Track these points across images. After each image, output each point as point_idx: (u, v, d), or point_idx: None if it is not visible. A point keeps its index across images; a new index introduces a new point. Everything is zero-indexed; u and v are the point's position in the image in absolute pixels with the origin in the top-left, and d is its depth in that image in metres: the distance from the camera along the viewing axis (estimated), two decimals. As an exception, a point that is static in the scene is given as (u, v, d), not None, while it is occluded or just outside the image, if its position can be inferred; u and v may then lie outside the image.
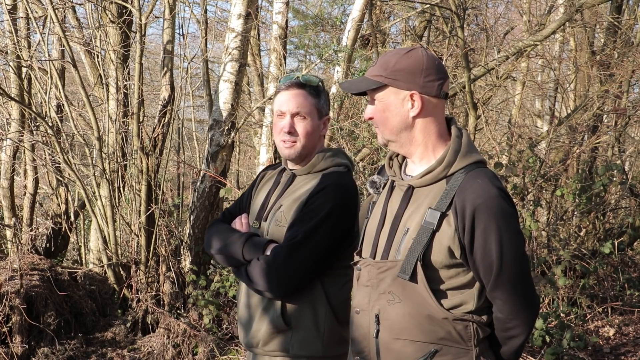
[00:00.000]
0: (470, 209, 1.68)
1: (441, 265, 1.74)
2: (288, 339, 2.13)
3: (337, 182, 2.15)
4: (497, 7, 10.04)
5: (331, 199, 2.10)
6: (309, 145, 2.21)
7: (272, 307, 2.14)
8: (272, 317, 2.13)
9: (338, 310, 2.16)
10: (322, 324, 2.13)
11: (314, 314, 2.12)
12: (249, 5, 5.72)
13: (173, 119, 6.37)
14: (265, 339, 2.16)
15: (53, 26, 5.62)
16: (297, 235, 2.07)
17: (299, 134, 2.19)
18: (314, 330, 2.12)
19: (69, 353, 4.83)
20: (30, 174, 6.45)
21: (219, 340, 5.01)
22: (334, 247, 2.11)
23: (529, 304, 1.79)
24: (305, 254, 2.06)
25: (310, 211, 2.10)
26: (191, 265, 5.65)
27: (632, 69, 7.56)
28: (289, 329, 2.13)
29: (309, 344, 2.13)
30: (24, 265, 5.01)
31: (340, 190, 2.13)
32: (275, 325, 2.13)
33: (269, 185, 2.32)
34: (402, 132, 1.82)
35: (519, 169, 5.33)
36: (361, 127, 6.06)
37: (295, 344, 2.13)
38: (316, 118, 2.21)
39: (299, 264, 2.06)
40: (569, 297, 5.36)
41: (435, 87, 1.78)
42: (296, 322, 2.12)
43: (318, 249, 2.08)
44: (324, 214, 2.08)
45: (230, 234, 2.22)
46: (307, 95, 2.20)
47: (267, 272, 2.06)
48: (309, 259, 2.07)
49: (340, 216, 2.10)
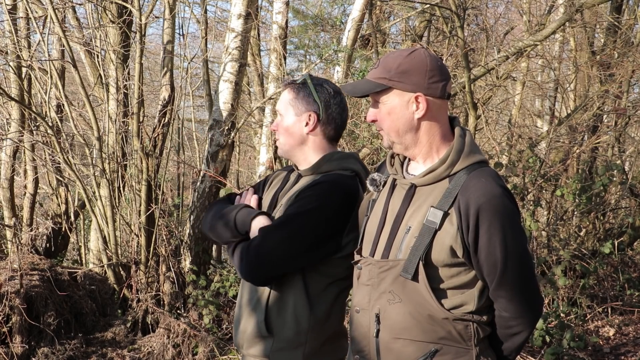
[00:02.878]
0: (474, 208, 1.68)
1: (442, 264, 1.73)
2: (269, 345, 2.08)
3: (332, 180, 2.07)
4: (497, 7, 10.05)
5: (321, 194, 2.03)
6: (290, 141, 2.18)
7: (258, 309, 2.10)
8: (257, 321, 2.09)
9: (323, 321, 2.08)
10: (305, 334, 2.06)
11: (296, 323, 2.05)
12: (249, 5, 5.72)
13: (173, 119, 6.37)
14: (249, 341, 2.12)
15: (53, 26, 5.62)
16: (274, 222, 2.04)
17: (279, 131, 2.20)
18: (294, 340, 2.05)
19: (69, 353, 4.82)
20: (30, 174, 6.45)
21: (219, 340, 5.01)
22: (316, 244, 2.02)
23: (533, 302, 1.80)
24: (278, 239, 1.99)
25: (296, 202, 2.05)
26: (191, 265, 5.65)
27: (632, 69, 7.56)
28: (271, 336, 2.07)
29: (289, 354, 2.06)
30: (24, 265, 5.01)
31: (334, 190, 2.05)
32: (258, 329, 2.08)
33: (277, 185, 2.28)
34: (407, 134, 1.81)
35: (519, 169, 5.33)
36: (361, 127, 6.06)
37: (275, 353, 2.07)
38: (291, 114, 2.16)
39: (270, 248, 1.99)
40: (569, 297, 5.36)
41: (439, 88, 1.78)
42: (278, 330, 2.07)
43: (296, 238, 2.00)
44: (307, 207, 2.01)
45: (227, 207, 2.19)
46: (286, 93, 2.19)
47: (243, 254, 2.02)
48: (284, 246, 1.99)
49: (328, 214, 2.02)
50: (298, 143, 2.18)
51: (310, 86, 2.17)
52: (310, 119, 2.15)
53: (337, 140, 2.23)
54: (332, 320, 2.12)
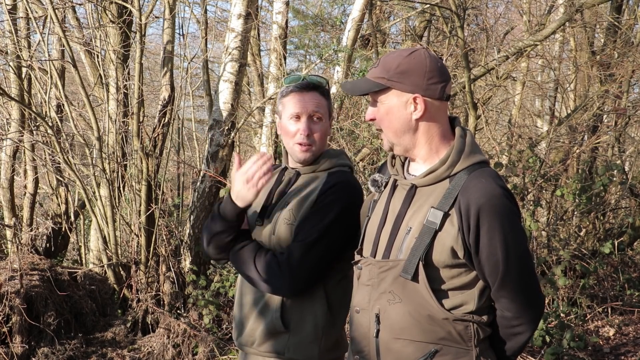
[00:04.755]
0: (474, 208, 1.68)
1: (443, 265, 1.73)
2: (284, 341, 2.09)
3: (345, 180, 2.13)
4: (497, 7, 10.05)
5: (342, 197, 2.08)
6: (323, 147, 2.19)
7: (270, 307, 2.10)
8: (271, 319, 2.09)
9: (337, 314, 2.13)
10: (322, 328, 2.09)
11: (314, 317, 2.09)
12: (249, 5, 5.72)
13: (173, 119, 6.37)
14: (261, 339, 2.12)
15: (53, 26, 5.63)
16: (311, 234, 2.04)
17: (315, 136, 2.15)
18: (312, 334, 2.09)
19: (69, 353, 4.83)
20: (30, 174, 6.45)
21: (219, 340, 5.01)
22: (344, 247, 2.07)
23: (535, 301, 1.80)
24: (320, 252, 2.03)
25: (321, 209, 2.07)
26: (191, 265, 5.65)
27: (632, 69, 7.56)
28: (287, 332, 2.09)
29: (305, 348, 2.09)
30: (24, 265, 5.01)
31: (350, 188, 2.12)
32: (273, 326, 2.09)
33: (270, 184, 2.26)
34: (405, 134, 1.81)
35: (519, 169, 5.33)
36: (361, 127, 6.05)
37: (291, 348, 2.09)
38: (328, 119, 2.20)
39: (313, 263, 2.03)
40: (569, 297, 5.36)
41: (438, 89, 1.77)
42: (295, 325, 2.09)
43: (332, 247, 2.05)
44: (336, 212, 2.05)
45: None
46: (320, 96, 2.17)
47: (280, 270, 2.02)
48: (323, 258, 2.04)
49: (350, 215, 2.07)
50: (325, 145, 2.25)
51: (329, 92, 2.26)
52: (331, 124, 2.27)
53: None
54: (344, 315, 2.16)
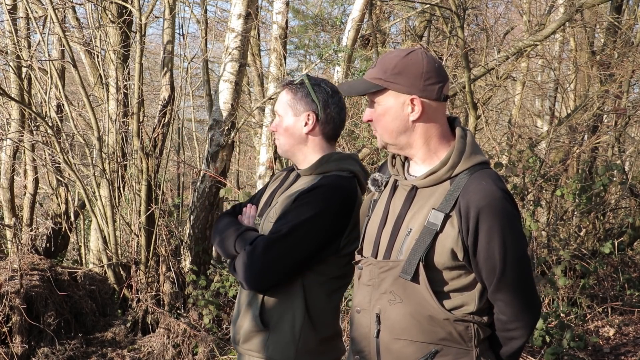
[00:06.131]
0: (474, 210, 1.67)
1: (444, 267, 1.73)
2: (265, 340, 2.11)
3: (332, 183, 2.08)
4: (497, 7, 10.04)
5: (322, 199, 2.05)
6: (289, 142, 2.20)
7: (254, 305, 2.13)
8: (253, 316, 2.12)
9: (318, 317, 2.11)
10: (299, 330, 2.08)
11: (292, 318, 2.08)
12: (249, 5, 5.72)
13: (173, 119, 6.37)
14: (246, 336, 2.14)
15: (53, 26, 5.62)
16: (280, 229, 2.04)
17: (278, 132, 2.21)
18: (289, 335, 2.08)
19: (69, 353, 4.83)
20: (30, 174, 6.46)
21: (219, 340, 5.01)
22: (318, 249, 2.05)
23: (530, 306, 1.79)
24: (284, 249, 2.01)
25: (296, 208, 2.06)
26: (191, 265, 5.65)
27: (632, 69, 7.56)
28: (266, 330, 2.10)
29: (283, 348, 2.09)
30: (24, 265, 5.01)
31: (334, 192, 2.07)
32: (254, 324, 2.11)
33: (276, 184, 2.30)
34: (402, 135, 1.80)
35: (519, 169, 5.33)
36: (361, 127, 6.05)
37: (270, 346, 2.10)
38: (290, 115, 2.18)
39: (276, 258, 2.01)
40: (569, 297, 5.36)
41: (435, 90, 1.77)
42: (275, 324, 2.10)
43: (300, 247, 2.03)
44: (312, 213, 2.03)
45: (229, 227, 2.21)
46: (285, 94, 2.20)
47: (246, 263, 2.03)
48: (288, 256, 2.02)
49: (329, 219, 2.04)
50: (297, 143, 2.20)
51: (308, 86, 2.18)
52: (309, 118, 2.16)
53: (335, 140, 2.25)
54: (327, 319, 2.14)
